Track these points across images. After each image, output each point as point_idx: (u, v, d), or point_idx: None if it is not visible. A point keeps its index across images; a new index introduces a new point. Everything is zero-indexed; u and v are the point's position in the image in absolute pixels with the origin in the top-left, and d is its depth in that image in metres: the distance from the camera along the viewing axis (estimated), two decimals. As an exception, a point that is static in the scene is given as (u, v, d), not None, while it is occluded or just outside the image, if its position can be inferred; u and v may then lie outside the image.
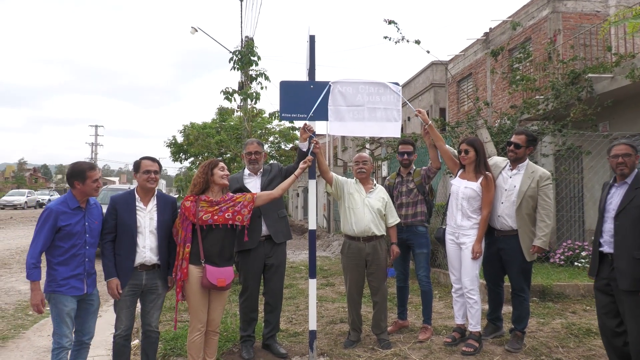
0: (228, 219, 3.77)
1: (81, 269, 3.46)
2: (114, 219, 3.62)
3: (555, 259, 8.10)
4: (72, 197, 3.48)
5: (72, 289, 3.40)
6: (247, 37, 10.61)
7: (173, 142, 23.34)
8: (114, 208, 3.64)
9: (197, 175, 3.84)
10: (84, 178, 3.46)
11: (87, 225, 3.50)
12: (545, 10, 11.64)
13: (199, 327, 3.74)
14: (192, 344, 3.74)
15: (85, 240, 3.46)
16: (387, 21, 8.40)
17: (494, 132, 8.25)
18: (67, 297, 3.40)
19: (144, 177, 3.66)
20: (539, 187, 4.43)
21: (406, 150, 5.04)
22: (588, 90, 8.24)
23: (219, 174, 3.80)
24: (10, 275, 9.10)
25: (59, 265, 3.38)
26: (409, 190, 4.97)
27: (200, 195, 3.78)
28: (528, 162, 4.58)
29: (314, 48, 4.35)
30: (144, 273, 3.66)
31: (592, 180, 8.64)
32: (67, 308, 3.39)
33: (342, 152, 25.08)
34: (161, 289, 3.76)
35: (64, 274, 3.38)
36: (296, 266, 9.91)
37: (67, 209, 3.43)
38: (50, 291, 3.40)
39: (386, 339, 4.62)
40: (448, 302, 6.17)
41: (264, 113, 9.96)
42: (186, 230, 3.70)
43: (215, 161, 3.90)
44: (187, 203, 3.73)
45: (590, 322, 5.22)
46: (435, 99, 17.82)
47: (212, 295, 3.80)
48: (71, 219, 3.41)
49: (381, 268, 4.63)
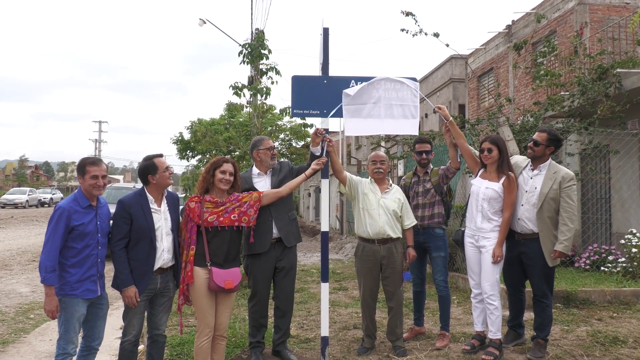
0: (234, 220, 3.70)
1: (94, 270, 3.39)
2: (127, 224, 3.47)
3: (581, 263, 7.90)
4: (82, 195, 3.41)
5: (86, 292, 3.33)
6: (257, 29, 10.50)
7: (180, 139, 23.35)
8: (126, 212, 3.50)
9: (203, 175, 3.76)
10: (84, 172, 3.40)
11: (99, 224, 3.43)
12: (572, 1, 11.31)
13: (206, 331, 3.66)
14: (200, 350, 3.65)
15: (97, 240, 3.39)
16: (404, 13, 8.27)
17: (516, 130, 8.05)
18: (79, 302, 3.32)
19: (165, 175, 3.59)
20: (561, 189, 4.29)
21: (423, 149, 4.91)
22: (616, 86, 8.00)
23: (218, 177, 3.69)
24: (11, 277, 8.99)
25: (72, 268, 3.29)
26: (426, 191, 4.84)
27: (205, 196, 3.70)
28: (551, 162, 4.45)
29: (327, 41, 4.27)
30: (159, 276, 3.58)
31: (620, 181, 8.41)
32: (78, 313, 3.33)
33: (356, 151, 24.90)
34: (172, 291, 3.71)
35: (78, 277, 3.29)
36: (307, 269, 9.79)
37: (78, 207, 3.35)
38: (62, 294, 3.29)
39: (402, 346, 4.50)
40: (467, 307, 6.04)
41: (274, 109, 9.86)
42: (190, 232, 3.63)
43: (219, 162, 3.75)
44: (192, 204, 3.66)
45: (617, 329, 5.07)
46: (455, 95, 17.51)
47: (219, 298, 3.72)
48: (83, 218, 3.34)
49: (397, 272, 4.51)
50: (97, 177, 3.38)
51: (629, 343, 4.70)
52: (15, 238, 15.31)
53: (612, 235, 8.69)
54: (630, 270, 7.00)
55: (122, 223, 3.47)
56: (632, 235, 7.26)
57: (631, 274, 6.95)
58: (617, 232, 8.49)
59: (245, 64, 8.57)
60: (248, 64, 8.67)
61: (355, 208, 4.62)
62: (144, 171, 3.55)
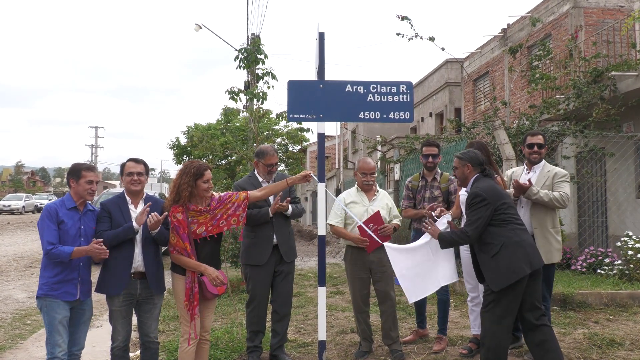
0: (222, 226, 3.67)
1: (75, 274, 3.41)
2: (108, 221, 3.53)
3: (577, 266, 7.89)
4: (69, 198, 3.48)
5: (65, 294, 3.35)
6: (253, 34, 10.53)
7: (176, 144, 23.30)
8: (106, 211, 3.58)
9: (181, 183, 3.54)
10: (79, 177, 3.43)
11: (83, 229, 3.45)
12: (566, 5, 11.35)
13: (191, 336, 3.59)
14: (185, 354, 3.60)
15: (79, 244, 3.39)
16: (400, 17, 8.30)
17: (512, 133, 8.06)
18: (59, 304, 3.34)
19: (127, 179, 3.61)
20: (553, 183, 4.34)
21: (430, 152, 4.85)
22: (611, 89, 8.02)
23: (202, 187, 3.58)
24: (7, 283, 8.92)
25: (55, 268, 3.34)
26: (434, 198, 4.80)
27: (188, 204, 3.57)
28: (544, 162, 4.51)
29: (323, 46, 4.25)
30: (138, 282, 3.56)
31: (615, 184, 8.42)
32: (59, 315, 3.34)
33: (352, 155, 24.87)
34: (156, 299, 3.67)
35: (59, 278, 3.34)
36: (304, 273, 9.72)
37: (63, 207, 3.42)
38: (42, 295, 3.35)
39: (399, 350, 4.48)
40: (464, 311, 6.02)
41: (270, 114, 9.82)
42: (183, 239, 3.54)
43: (200, 171, 3.56)
44: (179, 215, 3.54)
45: (614, 332, 5.05)
46: (450, 99, 17.55)
47: (202, 302, 3.66)
48: (67, 218, 3.38)
49: (387, 275, 4.51)
50: (92, 182, 3.45)
51: (626, 345, 4.69)
52: (12, 244, 15.16)
53: (609, 237, 8.68)
54: (626, 273, 7.00)
55: (104, 220, 3.54)
56: (628, 238, 7.26)
57: (627, 277, 6.95)
58: (614, 234, 8.49)
59: (242, 68, 8.54)
60: (244, 69, 8.65)
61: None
62: (69, 173, 3.51)
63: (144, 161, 3.69)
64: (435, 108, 18.63)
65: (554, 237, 4.33)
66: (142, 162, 3.68)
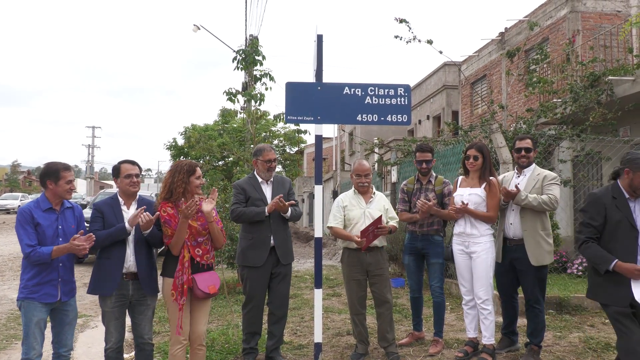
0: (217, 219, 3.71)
1: (55, 275, 3.36)
2: (101, 222, 3.51)
3: (573, 269, 7.91)
4: (44, 199, 3.41)
5: (45, 296, 3.31)
6: (251, 35, 10.52)
7: (173, 145, 23.28)
8: (99, 212, 3.56)
9: (174, 181, 3.55)
10: (58, 178, 3.37)
11: (61, 228, 3.40)
12: (564, 9, 11.39)
13: (180, 339, 3.55)
14: (174, 357, 3.56)
15: (58, 244, 3.32)
16: (398, 20, 8.32)
17: (509, 136, 8.07)
18: (36, 306, 3.30)
19: (126, 181, 3.58)
20: (543, 185, 4.36)
21: (425, 158, 4.86)
22: (608, 93, 8.07)
23: (195, 184, 3.61)
24: (2, 283, 8.87)
25: (32, 270, 3.31)
26: (428, 201, 4.80)
27: (178, 202, 3.55)
28: (534, 166, 4.54)
29: (321, 48, 4.26)
30: (130, 282, 3.53)
31: (611, 187, 8.36)
32: (36, 318, 3.30)
33: (349, 157, 24.89)
34: (150, 300, 3.64)
35: (37, 280, 3.30)
36: (301, 275, 9.68)
37: (38, 209, 3.35)
38: (22, 298, 3.31)
39: (395, 352, 4.48)
40: (460, 314, 6.02)
41: (268, 115, 9.84)
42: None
43: (192, 167, 3.61)
44: (170, 210, 3.54)
45: (610, 335, 5.06)
46: (448, 102, 17.60)
47: (194, 306, 3.61)
48: (43, 220, 3.33)
49: (384, 278, 4.52)
50: (71, 182, 3.40)
51: (621, 349, 4.70)
52: (7, 244, 15.03)
53: (604, 241, 8.68)
54: (622, 277, 7.01)
55: (97, 220, 3.52)
56: (623, 242, 7.26)
57: (623, 280, 6.96)
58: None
59: (240, 70, 8.56)
60: (242, 70, 8.66)
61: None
62: (45, 174, 3.40)
63: (138, 162, 3.70)
64: (433, 111, 18.67)
65: (544, 240, 4.35)
66: (137, 163, 3.68)
